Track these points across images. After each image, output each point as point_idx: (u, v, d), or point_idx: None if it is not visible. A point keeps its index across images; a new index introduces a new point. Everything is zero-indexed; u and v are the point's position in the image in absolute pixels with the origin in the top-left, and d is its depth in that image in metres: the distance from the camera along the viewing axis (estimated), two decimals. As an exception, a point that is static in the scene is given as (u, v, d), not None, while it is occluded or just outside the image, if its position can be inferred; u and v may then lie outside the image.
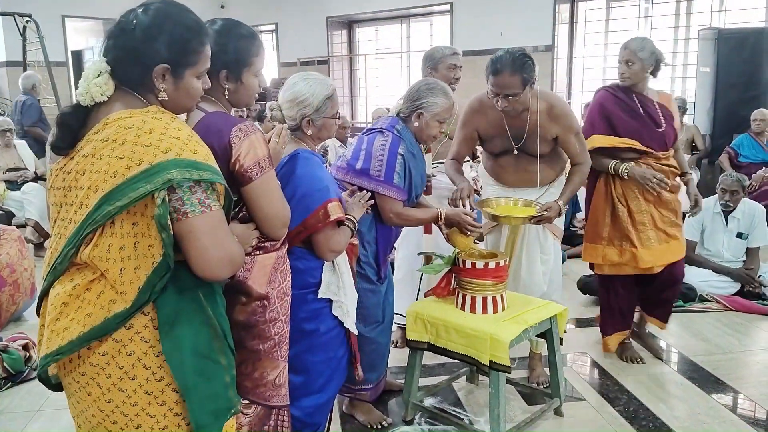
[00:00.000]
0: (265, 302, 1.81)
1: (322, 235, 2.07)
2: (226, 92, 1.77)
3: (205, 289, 1.42)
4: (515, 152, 2.80)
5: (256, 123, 6.03)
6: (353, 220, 2.20)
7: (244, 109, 7.05)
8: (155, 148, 1.28)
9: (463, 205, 2.64)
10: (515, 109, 2.69)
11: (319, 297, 2.13)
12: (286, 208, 1.77)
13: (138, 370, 1.36)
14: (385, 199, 2.45)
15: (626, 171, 2.93)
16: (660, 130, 2.97)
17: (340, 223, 2.13)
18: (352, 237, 2.20)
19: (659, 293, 3.20)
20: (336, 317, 2.18)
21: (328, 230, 2.08)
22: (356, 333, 2.25)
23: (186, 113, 1.66)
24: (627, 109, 2.98)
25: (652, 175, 2.88)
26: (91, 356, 1.36)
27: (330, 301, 2.16)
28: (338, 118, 2.23)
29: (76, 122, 1.38)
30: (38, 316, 1.46)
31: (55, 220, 1.41)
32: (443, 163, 3.12)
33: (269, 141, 1.84)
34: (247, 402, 1.83)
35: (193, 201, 1.31)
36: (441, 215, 2.54)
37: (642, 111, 2.97)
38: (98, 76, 1.38)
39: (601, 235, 3.09)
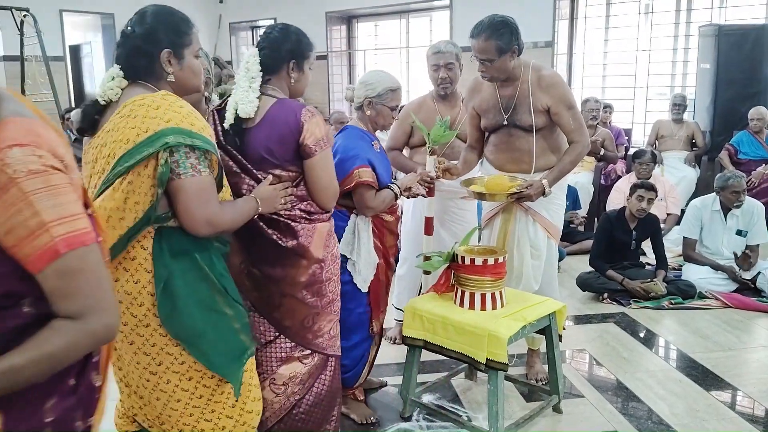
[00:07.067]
0: (322, 264, 2.10)
1: (357, 194, 2.42)
2: (293, 81, 2.10)
3: (202, 253, 1.63)
4: (505, 123, 2.78)
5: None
6: (398, 186, 2.52)
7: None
8: (159, 119, 1.52)
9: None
10: (495, 77, 2.70)
11: None
12: (336, 183, 2.11)
13: (150, 318, 1.59)
14: None
15: None
16: None
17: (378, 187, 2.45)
18: (396, 200, 2.53)
19: None
20: (350, 273, 2.46)
21: (362, 189, 2.41)
22: (364, 291, 2.51)
23: (256, 100, 1.99)
24: None
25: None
26: None
27: (346, 258, 2.44)
28: (395, 110, 2.56)
29: (94, 112, 1.67)
30: None
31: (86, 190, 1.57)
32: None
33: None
34: (308, 352, 2.13)
35: (186, 165, 1.54)
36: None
37: None
38: (112, 80, 1.65)
39: None
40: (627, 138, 6.78)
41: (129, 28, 1.66)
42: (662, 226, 4.73)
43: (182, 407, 1.64)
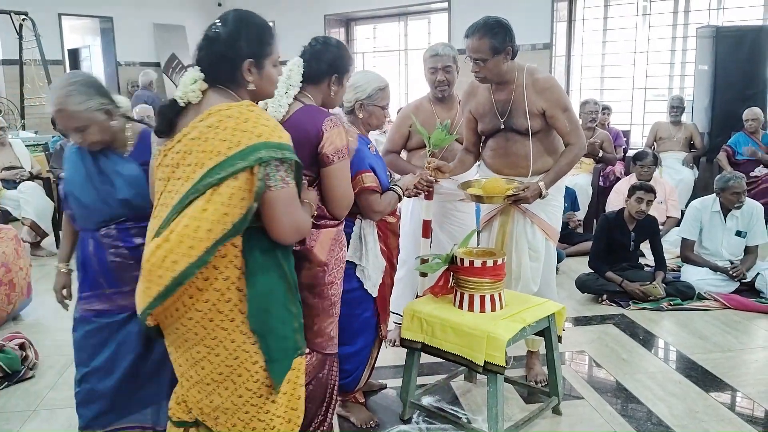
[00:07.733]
0: (325, 268, 2.16)
1: (362, 199, 2.37)
2: (332, 93, 2.19)
3: (283, 250, 1.71)
4: (502, 127, 2.79)
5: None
6: (401, 188, 2.52)
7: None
8: (250, 133, 1.57)
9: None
10: (488, 78, 2.71)
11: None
12: (351, 194, 2.15)
13: (235, 313, 1.65)
14: None
15: None
16: None
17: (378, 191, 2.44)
18: (399, 201, 2.52)
19: None
20: (359, 279, 2.45)
21: (366, 194, 2.38)
22: (375, 295, 2.51)
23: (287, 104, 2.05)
24: None
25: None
26: (197, 303, 1.63)
27: (355, 265, 2.43)
28: (386, 109, 2.55)
29: (173, 114, 1.69)
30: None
31: (161, 193, 1.67)
32: None
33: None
34: (307, 351, 2.16)
35: (276, 177, 1.59)
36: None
37: None
38: (194, 83, 1.66)
39: None
40: (625, 140, 6.79)
41: (213, 32, 1.66)
42: (661, 228, 4.72)
43: (242, 403, 1.70)
